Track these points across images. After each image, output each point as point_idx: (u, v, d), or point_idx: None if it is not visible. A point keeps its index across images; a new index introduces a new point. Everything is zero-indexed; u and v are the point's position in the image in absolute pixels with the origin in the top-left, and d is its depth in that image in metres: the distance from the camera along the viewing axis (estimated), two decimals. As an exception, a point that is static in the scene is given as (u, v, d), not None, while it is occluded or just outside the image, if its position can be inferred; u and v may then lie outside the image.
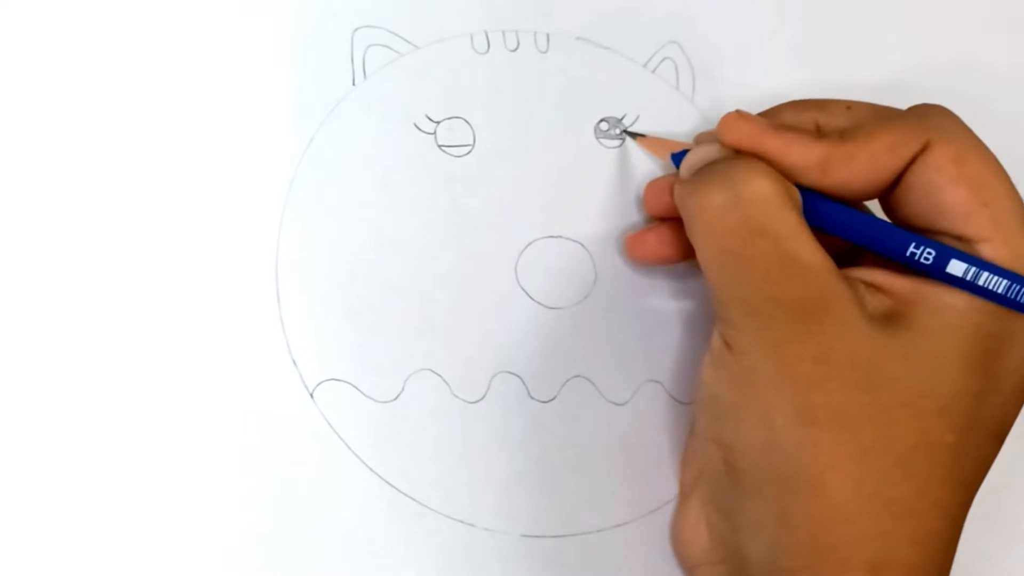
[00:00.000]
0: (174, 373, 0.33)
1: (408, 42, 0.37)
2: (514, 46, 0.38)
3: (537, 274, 0.37)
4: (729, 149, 0.33)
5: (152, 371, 0.33)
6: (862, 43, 0.42)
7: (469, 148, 0.37)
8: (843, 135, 0.33)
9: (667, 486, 0.37)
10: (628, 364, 0.37)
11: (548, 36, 0.38)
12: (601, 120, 0.38)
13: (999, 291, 0.31)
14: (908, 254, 0.32)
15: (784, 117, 0.35)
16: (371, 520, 0.34)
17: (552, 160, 0.37)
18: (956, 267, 0.31)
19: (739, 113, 0.33)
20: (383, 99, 0.36)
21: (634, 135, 0.38)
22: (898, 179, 0.33)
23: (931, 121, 0.33)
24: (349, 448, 0.34)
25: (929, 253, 0.32)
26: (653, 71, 0.39)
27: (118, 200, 0.34)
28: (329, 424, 0.34)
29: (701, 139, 0.36)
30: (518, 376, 0.36)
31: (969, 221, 0.32)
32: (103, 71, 0.34)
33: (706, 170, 0.32)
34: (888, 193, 0.33)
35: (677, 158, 0.35)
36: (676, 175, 0.35)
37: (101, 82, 0.34)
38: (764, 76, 0.40)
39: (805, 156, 0.32)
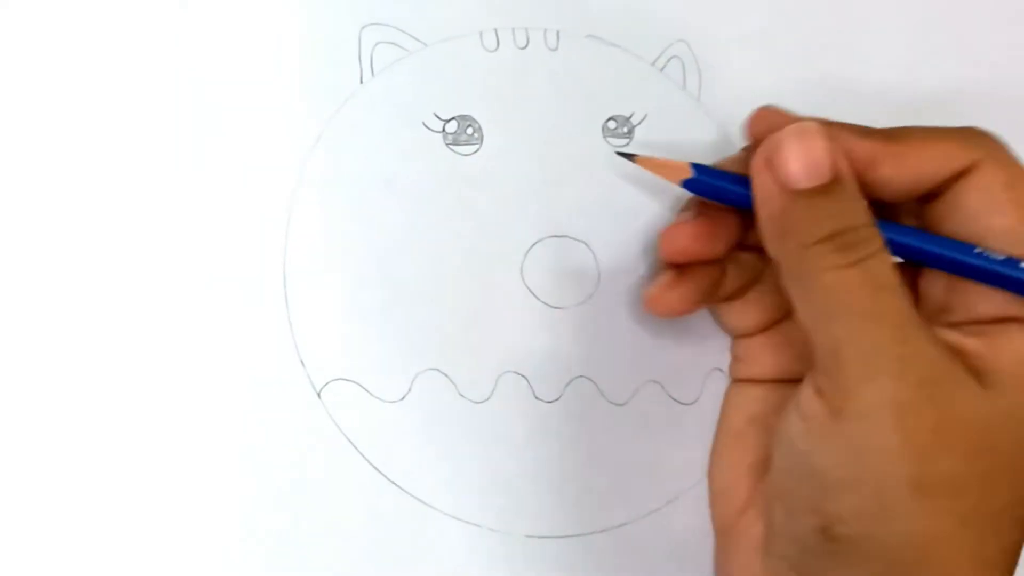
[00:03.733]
0: (181, 373, 0.33)
1: (416, 39, 0.37)
2: (524, 43, 0.38)
3: (542, 274, 0.37)
4: (827, 141, 0.31)
5: (159, 371, 0.33)
6: (870, 43, 0.42)
7: (477, 147, 0.37)
8: (892, 134, 0.32)
9: (667, 486, 0.37)
10: (629, 365, 0.37)
11: (558, 33, 0.38)
12: (609, 118, 0.38)
13: None
14: (976, 252, 0.31)
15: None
16: (377, 520, 0.34)
17: (559, 159, 0.37)
18: None
19: (774, 109, 0.33)
20: (391, 97, 0.36)
21: (629, 156, 0.36)
22: (935, 193, 0.32)
23: (981, 142, 0.32)
24: (356, 448, 0.34)
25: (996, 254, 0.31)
26: (661, 70, 0.39)
27: (125, 200, 0.34)
28: (336, 424, 0.34)
29: (725, 165, 0.35)
30: (523, 376, 0.36)
31: (1018, 245, 0.31)
32: (108, 71, 0.34)
33: (828, 224, 0.31)
34: (922, 205, 0.33)
35: (692, 185, 0.33)
36: (690, 223, 0.34)
37: (107, 82, 0.34)
38: (771, 76, 0.40)
39: (854, 148, 0.32)
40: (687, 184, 0.34)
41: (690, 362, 0.38)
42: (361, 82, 0.36)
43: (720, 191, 0.33)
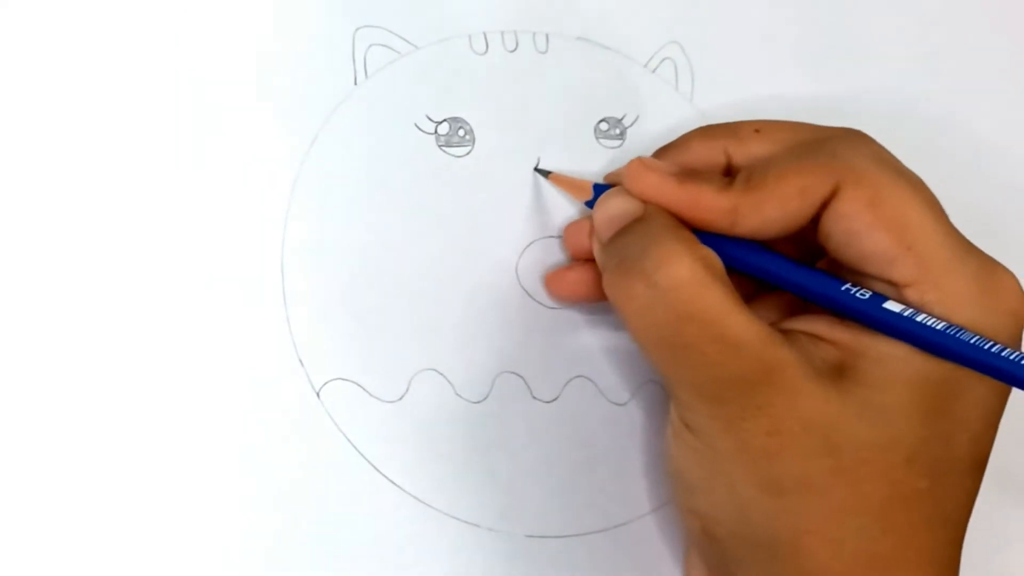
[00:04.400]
0: (180, 373, 0.33)
1: (408, 42, 0.37)
2: (513, 47, 0.38)
3: (538, 274, 0.37)
4: (639, 202, 0.32)
5: (158, 372, 0.33)
6: (861, 43, 0.42)
7: (469, 148, 0.37)
8: (750, 180, 0.32)
9: (665, 487, 0.37)
10: (628, 364, 0.37)
11: (547, 36, 0.38)
12: (601, 120, 0.38)
13: (938, 328, 0.30)
14: (843, 289, 0.31)
15: (694, 148, 0.34)
16: (376, 520, 0.34)
17: (552, 160, 0.37)
18: (892, 304, 0.31)
19: (642, 162, 0.33)
20: (384, 99, 0.36)
21: (544, 173, 0.37)
22: (817, 218, 0.32)
23: (842, 160, 0.32)
24: (355, 448, 0.34)
25: (863, 292, 0.31)
26: (653, 71, 0.39)
27: (123, 200, 0.34)
28: (335, 423, 0.34)
29: (611, 179, 0.36)
30: (521, 376, 0.36)
31: (894, 266, 0.31)
32: (106, 71, 0.34)
33: (616, 252, 0.32)
34: (812, 231, 0.32)
35: (593, 204, 0.34)
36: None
37: (104, 82, 0.34)
38: (763, 76, 0.40)
39: (712, 208, 0.32)
40: (589, 204, 0.35)
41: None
42: (355, 84, 0.36)
43: None
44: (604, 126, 0.38)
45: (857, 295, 0.31)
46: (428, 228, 0.36)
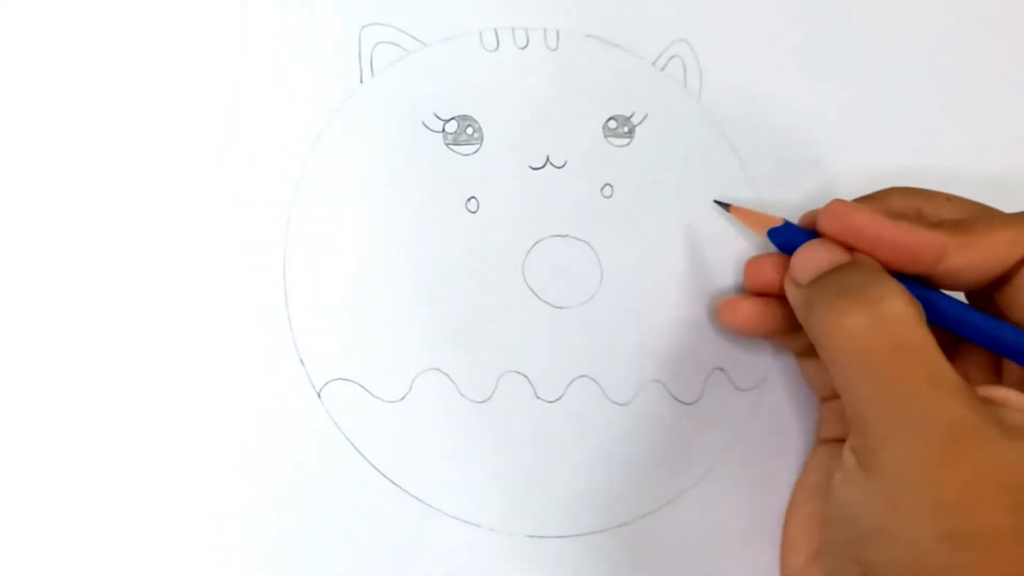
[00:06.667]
0: (181, 372, 0.33)
1: (416, 39, 0.37)
2: (523, 43, 0.38)
3: (544, 273, 0.37)
4: (846, 251, 0.34)
5: (159, 370, 0.33)
6: (869, 42, 0.42)
7: (477, 147, 0.37)
8: (959, 225, 0.33)
9: (668, 485, 0.37)
10: (632, 364, 0.37)
11: (558, 33, 0.38)
12: (610, 118, 0.38)
13: None
14: None
15: (893, 201, 0.35)
16: (377, 520, 0.34)
17: (560, 158, 0.37)
18: None
19: (846, 203, 0.34)
20: (391, 97, 0.36)
21: (724, 205, 0.38)
22: (1005, 278, 0.33)
23: None
24: (355, 448, 0.34)
25: None
26: (662, 69, 0.39)
27: (125, 199, 0.34)
28: (336, 424, 0.34)
29: (806, 219, 0.36)
30: (525, 376, 0.36)
31: None
32: (111, 70, 0.34)
33: (833, 284, 0.33)
34: (994, 290, 0.34)
35: (775, 236, 0.36)
36: (776, 255, 0.36)
37: (108, 81, 0.34)
38: (771, 75, 0.40)
39: (922, 243, 0.33)
40: (771, 233, 0.36)
41: (692, 362, 0.38)
42: (361, 82, 0.36)
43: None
44: (613, 124, 0.38)
45: None
46: (433, 227, 0.36)
